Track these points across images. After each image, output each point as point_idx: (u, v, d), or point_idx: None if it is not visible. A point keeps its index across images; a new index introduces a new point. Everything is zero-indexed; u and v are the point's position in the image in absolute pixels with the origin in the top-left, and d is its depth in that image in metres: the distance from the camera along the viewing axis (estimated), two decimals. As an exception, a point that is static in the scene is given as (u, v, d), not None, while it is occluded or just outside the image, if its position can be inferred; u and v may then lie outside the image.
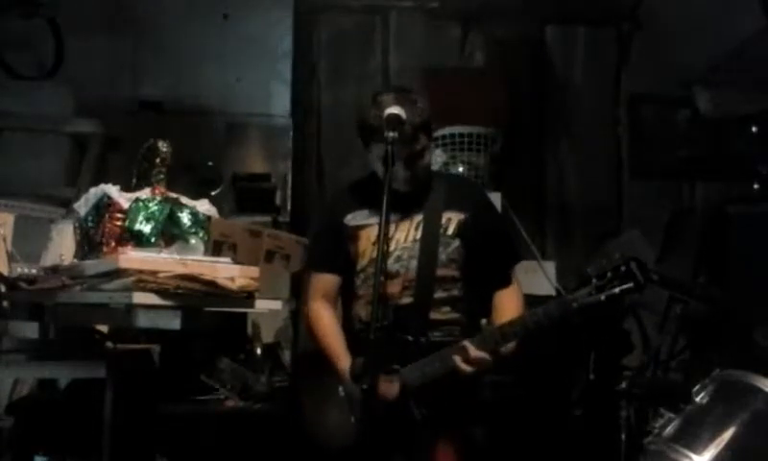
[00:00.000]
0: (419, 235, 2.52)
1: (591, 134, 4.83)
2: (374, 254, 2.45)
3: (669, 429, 2.47)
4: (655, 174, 4.74)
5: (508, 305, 2.56)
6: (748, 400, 2.43)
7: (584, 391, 3.62)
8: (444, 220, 2.54)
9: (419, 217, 2.54)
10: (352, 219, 2.59)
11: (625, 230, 4.66)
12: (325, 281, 2.63)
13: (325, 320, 2.60)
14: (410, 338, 2.44)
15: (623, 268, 2.28)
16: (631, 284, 2.28)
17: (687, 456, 2.35)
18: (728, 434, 2.37)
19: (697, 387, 2.52)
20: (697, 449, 2.35)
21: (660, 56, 4.59)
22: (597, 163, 4.82)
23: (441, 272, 2.51)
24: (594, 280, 2.31)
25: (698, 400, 2.49)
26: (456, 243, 2.53)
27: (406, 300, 2.48)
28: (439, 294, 2.50)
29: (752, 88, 4.19)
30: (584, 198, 4.78)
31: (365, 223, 2.57)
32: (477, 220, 2.56)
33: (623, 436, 3.19)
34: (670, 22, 4.53)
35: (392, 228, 2.50)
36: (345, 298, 2.63)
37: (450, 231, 2.53)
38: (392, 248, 2.51)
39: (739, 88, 4.28)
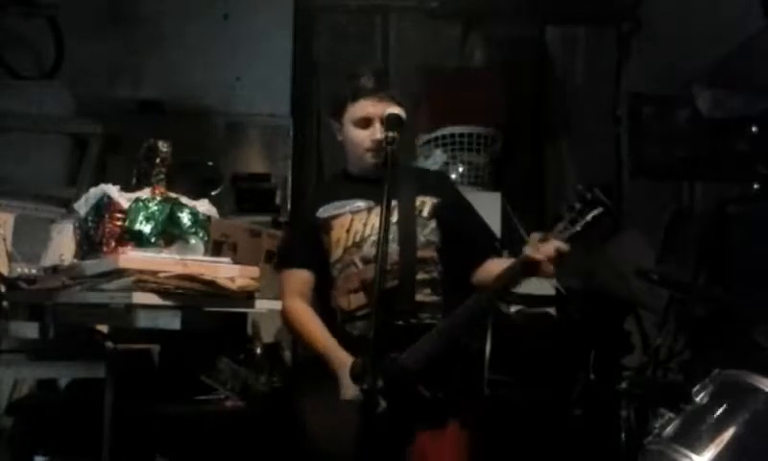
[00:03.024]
0: (395, 219, 2.48)
1: (591, 134, 4.83)
2: (349, 243, 2.49)
3: (669, 429, 2.47)
4: (655, 174, 4.74)
5: (498, 263, 2.51)
6: (748, 400, 2.42)
7: (584, 391, 3.62)
8: (418, 202, 2.55)
9: (393, 202, 2.48)
10: (324, 211, 2.58)
11: (625, 230, 4.65)
12: (300, 278, 2.58)
13: (303, 312, 2.54)
14: (401, 322, 2.39)
15: (588, 195, 2.29)
16: (600, 209, 2.28)
17: (687, 456, 2.35)
18: (728, 434, 2.37)
19: (697, 387, 2.52)
20: (697, 449, 2.35)
21: (659, 56, 4.59)
22: (597, 163, 4.82)
23: (420, 253, 2.49)
24: (566, 214, 2.31)
25: (698, 400, 2.49)
26: (432, 224, 2.54)
27: (390, 283, 2.41)
28: (421, 275, 2.48)
29: (752, 88, 4.19)
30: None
31: (337, 213, 2.56)
32: (449, 204, 2.59)
33: (623, 436, 3.19)
34: (670, 22, 4.53)
35: (365, 214, 2.53)
36: (322, 292, 2.58)
37: (426, 213, 2.54)
38: (367, 233, 2.51)
39: (739, 88, 4.28)
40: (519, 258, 2.34)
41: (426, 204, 2.56)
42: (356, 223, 2.54)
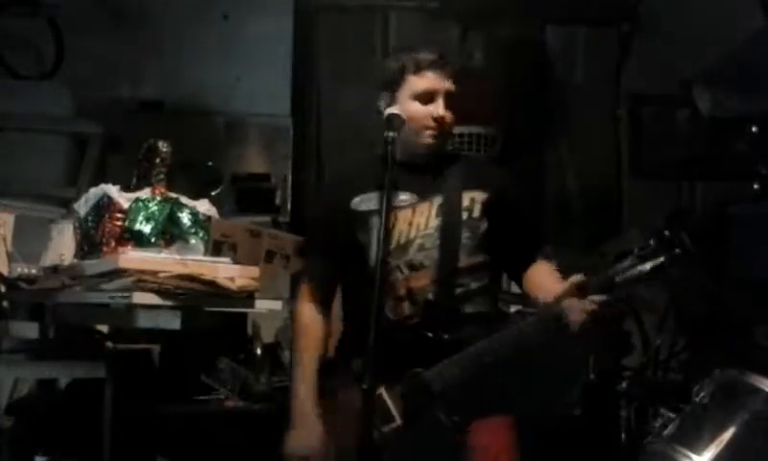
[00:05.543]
0: (440, 220, 2.26)
1: (591, 134, 4.83)
2: (392, 245, 2.23)
3: (669, 429, 2.47)
4: (655, 174, 4.73)
5: (547, 274, 2.29)
6: (748, 400, 2.43)
7: (584, 391, 3.61)
8: (467, 201, 2.29)
9: (438, 199, 2.28)
10: (361, 203, 2.30)
11: (625, 230, 4.65)
12: (324, 277, 2.38)
13: (308, 333, 2.34)
14: (430, 335, 2.19)
15: (667, 233, 2.05)
16: (677, 250, 2.04)
17: (687, 456, 2.35)
18: (728, 434, 2.37)
19: (697, 387, 2.52)
20: (697, 449, 2.35)
21: (659, 56, 4.59)
22: (597, 163, 4.82)
23: (469, 260, 2.25)
24: (636, 250, 2.07)
25: (698, 400, 2.49)
26: (484, 226, 2.28)
27: (434, 294, 2.22)
28: (469, 285, 2.25)
29: (752, 88, 4.19)
30: (584, 198, 4.78)
31: (377, 208, 2.26)
32: (500, 201, 2.32)
33: (623, 436, 3.19)
34: (670, 22, 4.53)
35: (409, 212, 2.27)
36: (359, 294, 2.26)
37: (477, 213, 2.28)
38: (412, 235, 2.25)
39: (739, 88, 4.27)
40: (554, 310, 2.14)
41: (476, 201, 2.29)
42: (400, 222, 2.28)
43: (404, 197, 2.28)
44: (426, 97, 2.29)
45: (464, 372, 2.16)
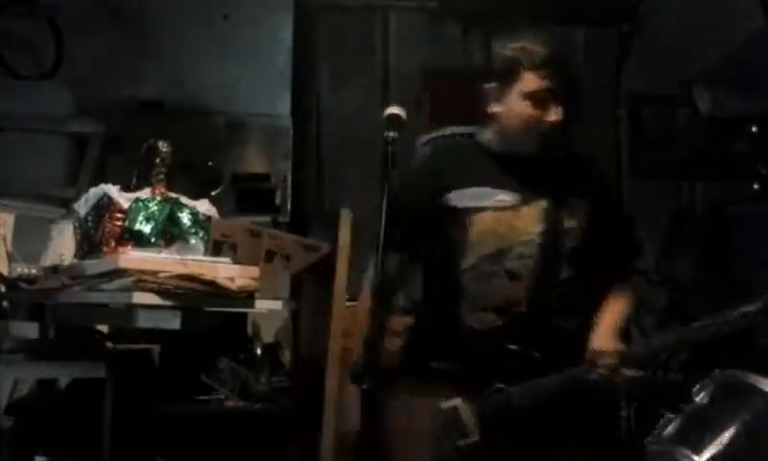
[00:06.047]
0: (543, 227, 2.09)
1: (591, 134, 4.83)
2: (491, 249, 2.06)
3: (669, 429, 2.47)
4: (655, 174, 4.73)
5: (607, 314, 2.15)
6: (748, 400, 2.43)
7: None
8: (568, 207, 2.12)
9: (542, 203, 2.10)
10: (458, 198, 2.10)
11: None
12: (397, 278, 2.14)
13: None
14: (518, 350, 2.05)
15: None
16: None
17: (687, 456, 2.35)
18: (728, 434, 2.36)
19: (697, 387, 2.52)
20: (697, 450, 2.35)
21: (659, 56, 4.59)
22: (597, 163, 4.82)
23: (572, 272, 2.11)
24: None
25: (698, 400, 2.49)
26: (581, 236, 2.13)
27: (530, 306, 2.07)
28: (571, 300, 2.11)
29: (752, 88, 4.19)
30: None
31: (476, 205, 2.09)
32: (601, 212, 2.16)
33: (623, 436, 3.19)
34: (670, 22, 4.53)
35: (509, 214, 2.09)
36: (438, 298, 2.15)
37: (576, 223, 2.12)
38: (514, 239, 2.08)
39: (739, 88, 4.28)
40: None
41: (577, 209, 2.13)
42: (501, 225, 2.10)
43: (505, 197, 2.10)
44: (540, 97, 2.09)
45: (550, 396, 2.03)
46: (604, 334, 2.09)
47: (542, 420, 2.06)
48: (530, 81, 2.08)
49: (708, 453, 2.34)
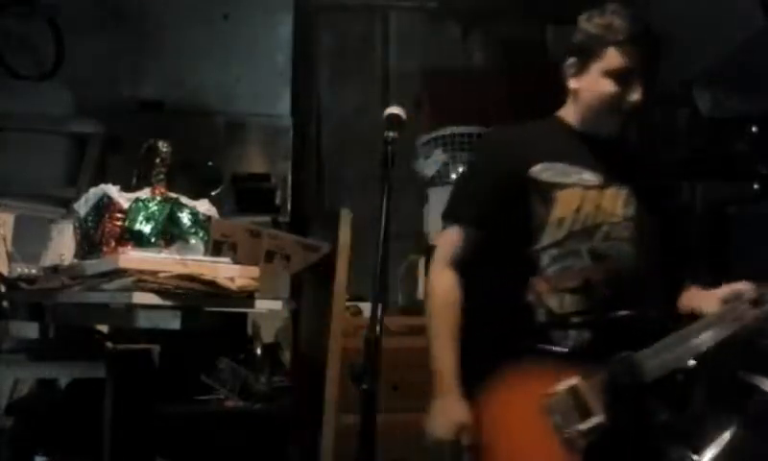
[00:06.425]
0: (629, 210, 1.99)
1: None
2: (577, 227, 1.94)
3: (669, 429, 2.47)
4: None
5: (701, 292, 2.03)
6: (748, 400, 2.43)
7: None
8: (652, 194, 2.04)
9: (626, 186, 2.00)
10: (544, 171, 1.99)
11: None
12: (470, 246, 2.01)
13: (447, 298, 2.00)
14: (627, 314, 1.90)
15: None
16: None
17: (688, 457, 2.35)
18: (728, 434, 2.37)
19: (697, 387, 2.52)
20: (697, 450, 2.35)
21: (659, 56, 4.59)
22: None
23: (654, 259, 2.01)
24: None
25: (698, 400, 2.49)
26: (661, 224, 2.05)
27: (614, 291, 1.94)
28: (654, 287, 2.00)
29: (752, 88, 4.19)
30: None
31: (563, 181, 1.98)
32: (670, 193, 2.14)
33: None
34: (670, 22, 4.52)
35: (595, 193, 1.99)
36: (514, 275, 1.99)
37: (656, 209, 2.03)
38: (600, 219, 1.97)
39: (739, 88, 4.28)
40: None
41: (656, 195, 2.06)
42: (587, 203, 1.99)
43: (588, 176, 2.00)
44: (623, 75, 1.98)
45: (678, 360, 1.87)
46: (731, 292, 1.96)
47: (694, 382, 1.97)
48: (613, 58, 1.98)
49: (707, 453, 2.34)
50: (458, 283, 2.03)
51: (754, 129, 4.23)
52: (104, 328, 3.09)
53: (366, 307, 3.66)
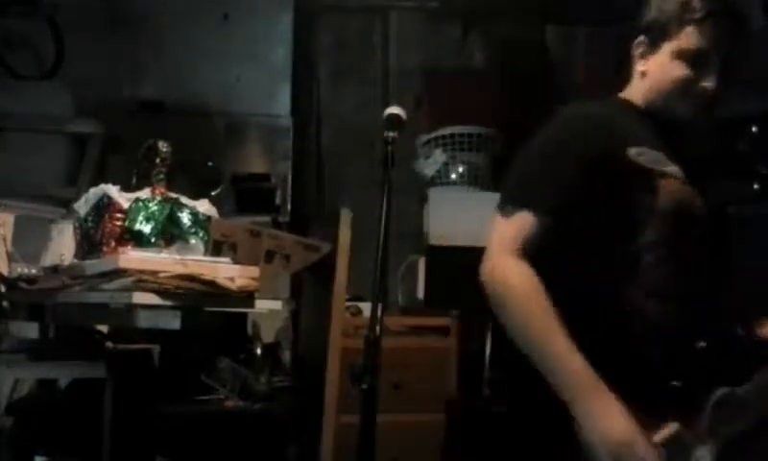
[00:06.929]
0: (705, 212, 1.80)
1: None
2: (682, 223, 1.68)
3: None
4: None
5: None
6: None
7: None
8: (716, 192, 1.87)
9: (699, 185, 1.81)
10: (642, 155, 1.69)
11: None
12: (537, 231, 1.66)
13: (536, 286, 1.60)
14: (735, 333, 1.68)
15: None
16: None
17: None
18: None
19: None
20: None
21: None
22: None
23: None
24: None
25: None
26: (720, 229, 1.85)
27: (705, 305, 1.72)
28: (731, 298, 1.80)
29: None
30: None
31: (662, 169, 1.70)
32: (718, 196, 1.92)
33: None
34: (670, 22, 4.53)
35: (686, 187, 1.78)
36: (604, 277, 1.67)
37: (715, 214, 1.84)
38: (694, 218, 1.79)
39: (739, 88, 4.27)
40: None
41: (717, 196, 1.89)
42: (686, 196, 1.77)
43: (673, 169, 1.76)
44: (695, 59, 1.77)
45: None
46: None
47: None
48: (689, 37, 1.76)
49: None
50: (534, 273, 1.64)
51: (754, 129, 4.23)
52: (104, 328, 3.09)
53: (366, 307, 3.67)
